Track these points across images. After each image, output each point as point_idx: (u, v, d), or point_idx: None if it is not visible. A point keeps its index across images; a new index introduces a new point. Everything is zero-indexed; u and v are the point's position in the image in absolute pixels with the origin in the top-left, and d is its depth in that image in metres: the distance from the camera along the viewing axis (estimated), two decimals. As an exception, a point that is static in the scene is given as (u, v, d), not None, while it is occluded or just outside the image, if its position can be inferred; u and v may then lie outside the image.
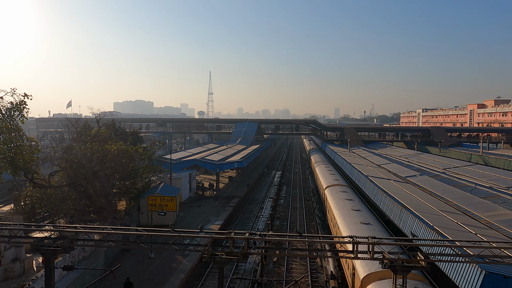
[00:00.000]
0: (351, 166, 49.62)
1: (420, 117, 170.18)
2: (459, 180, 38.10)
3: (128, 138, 42.54)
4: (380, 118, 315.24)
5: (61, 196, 27.63)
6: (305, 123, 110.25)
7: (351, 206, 23.96)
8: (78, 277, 21.27)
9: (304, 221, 42.15)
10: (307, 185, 65.51)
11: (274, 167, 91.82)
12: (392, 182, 37.12)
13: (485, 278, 13.89)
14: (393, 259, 11.05)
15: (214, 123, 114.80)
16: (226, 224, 38.95)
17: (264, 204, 50.70)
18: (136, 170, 36.08)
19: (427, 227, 20.28)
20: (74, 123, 35.20)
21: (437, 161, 57.19)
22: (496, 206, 26.02)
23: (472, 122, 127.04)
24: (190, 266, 26.69)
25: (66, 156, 30.20)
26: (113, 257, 27.52)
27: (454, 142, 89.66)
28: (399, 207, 25.65)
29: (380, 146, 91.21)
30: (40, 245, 12.16)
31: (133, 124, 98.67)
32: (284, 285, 25.82)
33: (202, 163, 55.32)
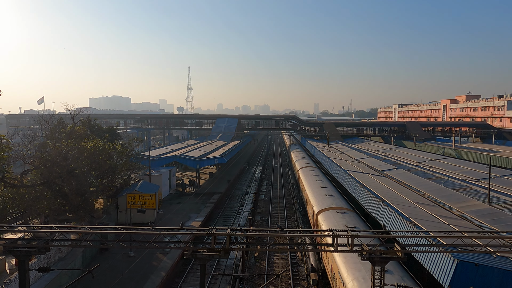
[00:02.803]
0: (330, 161, 50.43)
1: (396, 112, 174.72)
2: (433, 173, 39.48)
3: (105, 135, 41.48)
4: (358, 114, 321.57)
5: (35, 195, 26.66)
6: (285, 118, 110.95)
7: (345, 222, 24.34)
8: (54, 278, 20.66)
9: (285, 216, 42.56)
10: (288, 180, 66.09)
11: (254, 162, 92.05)
12: (370, 176, 38.01)
13: (457, 267, 14.51)
14: (372, 251, 11.35)
15: (194, 119, 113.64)
16: (207, 221, 38.79)
17: (245, 199, 50.81)
18: (114, 168, 35.26)
19: (403, 219, 20.92)
20: (48, 120, 33.92)
21: (413, 155, 58.99)
22: (467, 197, 27.15)
23: (445, 117, 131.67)
24: (171, 264, 26.45)
25: (39, 154, 29.11)
26: (91, 257, 26.89)
27: (428, 137, 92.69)
28: (376, 200, 26.32)
29: (358, 141, 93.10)
30: (13, 247, 11.70)
31: (110, 120, 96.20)
32: (266, 280, 26.04)
33: (182, 159, 54.73)
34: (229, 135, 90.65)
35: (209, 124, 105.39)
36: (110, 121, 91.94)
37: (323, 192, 33.10)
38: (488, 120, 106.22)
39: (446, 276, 14.78)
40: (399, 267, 17.67)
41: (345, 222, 23.93)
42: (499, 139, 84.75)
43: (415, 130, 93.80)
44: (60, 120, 36.33)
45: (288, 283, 25.39)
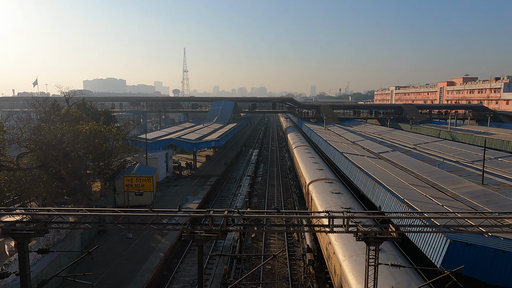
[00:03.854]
0: (327, 143, 50.60)
1: (393, 95, 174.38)
2: (429, 155, 39.80)
3: (100, 117, 41.16)
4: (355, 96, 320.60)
5: (32, 178, 26.64)
6: (282, 101, 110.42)
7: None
8: (54, 259, 20.94)
9: (281, 198, 43.01)
10: (284, 162, 66.43)
11: (251, 145, 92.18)
12: (366, 158, 38.27)
13: (450, 246, 14.85)
14: (367, 232, 11.55)
15: (190, 101, 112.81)
16: (205, 203, 39.15)
17: (242, 182, 51.16)
18: (110, 151, 35.20)
19: (398, 200, 21.23)
20: (42, 103, 33.53)
21: (408, 137, 59.28)
22: (461, 179, 27.51)
23: (442, 99, 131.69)
24: (169, 245, 26.84)
25: (34, 137, 28.91)
26: (90, 239, 27.19)
27: (424, 119, 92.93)
28: (372, 182, 26.60)
29: (355, 124, 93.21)
30: (11, 229, 11.77)
31: (105, 103, 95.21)
32: (263, 260, 26.56)
33: (179, 142, 54.66)
34: (226, 117, 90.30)
35: (206, 106, 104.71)
36: (105, 104, 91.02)
37: (314, 167, 37.53)
38: (484, 103, 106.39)
39: (439, 256, 15.15)
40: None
41: (331, 189, 28.35)
42: (494, 122, 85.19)
43: (411, 112, 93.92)
44: (55, 102, 35.92)
45: (284, 263, 25.93)
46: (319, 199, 27.03)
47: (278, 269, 25.03)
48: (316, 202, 26.81)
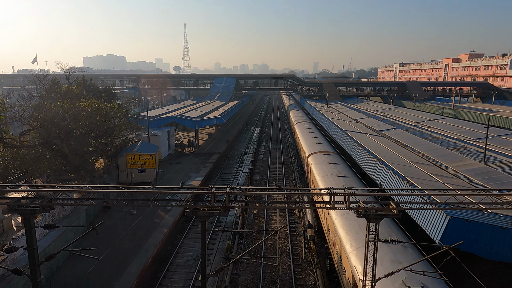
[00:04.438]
0: (329, 121, 50.37)
1: (397, 72, 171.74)
2: (431, 133, 39.65)
3: (101, 95, 40.93)
4: (358, 73, 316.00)
5: (35, 156, 26.82)
6: (284, 78, 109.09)
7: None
8: (60, 235, 21.42)
9: (283, 175, 43.33)
10: (286, 140, 66.47)
11: (253, 123, 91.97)
12: (368, 136, 38.19)
13: (449, 222, 15.04)
14: (367, 208, 11.66)
15: (191, 78, 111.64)
16: (207, 180, 39.52)
17: (244, 159, 51.41)
18: (112, 128, 35.21)
19: (399, 177, 21.33)
20: (42, 80, 33.26)
21: (411, 115, 58.88)
22: (463, 157, 27.51)
23: (447, 77, 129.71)
24: (173, 221, 27.33)
25: (36, 114, 28.87)
26: (95, 215, 27.68)
27: (428, 96, 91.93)
28: (374, 159, 26.65)
29: (358, 101, 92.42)
30: (17, 205, 11.96)
31: (106, 80, 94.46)
32: (264, 236, 27.08)
33: (180, 120, 54.56)
34: (227, 95, 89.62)
35: (207, 84, 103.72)
36: (106, 81, 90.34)
37: (314, 141, 39.98)
38: (489, 80, 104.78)
39: (438, 232, 15.38)
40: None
41: (329, 160, 30.55)
42: (499, 99, 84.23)
43: (415, 89, 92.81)
44: (55, 80, 35.62)
45: (285, 239, 26.44)
46: (317, 169, 28.94)
47: (279, 245, 25.56)
48: (315, 172, 28.80)
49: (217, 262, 23.11)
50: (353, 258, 15.59)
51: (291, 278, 21.38)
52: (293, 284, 20.65)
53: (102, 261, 20.22)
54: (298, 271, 22.27)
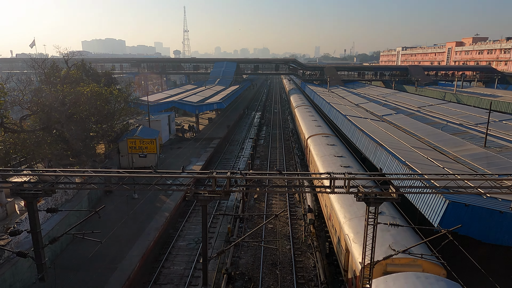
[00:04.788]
0: (330, 106, 50.14)
1: (399, 56, 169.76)
2: (432, 117, 39.52)
3: (101, 79, 40.64)
4: (360, 57, 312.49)
5: (36, 140, 26.89)
6: (285, 62, 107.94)
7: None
8: (63, 218, 21.69)
9: (283, 160, 43.47)
10: (287, 125, 66.35)
11: (253, 108, 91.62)
12: (369, 121, 38.09)
13: (448, 207, 15.17)
14: (367, 192, 11.74)
15: (191, 63, 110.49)
16: (208, 165, 39.69)
17: (245, 144, 51.47)
18: (112, 113, 35.14)
19: (399, 162, 21.38)
20: (41, 64, 32.96)
21: (413, 99, 58.54)
22: (464, 141, 27.50)
23: (450, 61, 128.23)
24: (174, 205, 27.59)
25: (36, 99, 28.78)
26: (97, 199, 27.95)
27: (430, 81, 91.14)
28: (374, 144, 26.66)
29: (359, 86, 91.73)
30: (20, 189, 12.06)
31: (105, 64, 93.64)
32: (265, 219, 27.39)
33: (181, 104, 54.34)
34: (228, 79, 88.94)
35: (207, 68, 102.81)
36: (105, 65, 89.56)
37: (313, 124, 41.38)
38: (493, 64, 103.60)
39: (437, 216, 15.52)
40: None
41: (327, 142, 32.10)
42: (502, 84, 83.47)
43: (417, 74, 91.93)
44: (54, 64, 35.30)
45: (286, 223, 26.74)
46: (316, 150, 30.34)
47: (279, 228, 25.88)
48: (313, 153, 30.18)
49: (218, 245, 23.46)
50: (345, 228, 17.09)
51: (291, 260, 21.74)
52: (293, 267, 21.01)
53: (105, 244, 20.54)
54: (298, 254, 22.62)
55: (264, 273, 20.52)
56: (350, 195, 12.52)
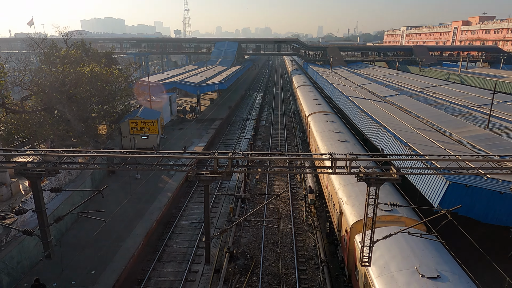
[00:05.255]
0: (332, 86, 49.68)
1: (404, 36, 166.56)
2: (436, 99, 39.17)
3: (101, 59, 40.22)
4: (363, 37, 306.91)
5: (38, 121, 26.92)
6: (287, 42, 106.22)
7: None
8: (68, 198, 21.99)
9: (285, 141, 43.51)
10: (289, 106, 66.01)
11: (255, 88, 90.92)
12: (371, 102, 37.81)
13: (448, 187, 15.25)
14: (368, 173, 11.79)
15: (192, 43, 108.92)
16: (209, 146, 39.80)
17: (246, 125, 51.41)
18: (113, 94, 34.97)
19: (401, 143, 21.37)
20: (40, 43, 32.56)
21: (417, 80, 57.85)
22: (466, 123, 27.35)
23: (455, 40, 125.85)
24: (177, 185, 27.87)
25: (36, 79, 28.61)
26: (100, 179, 28.23)
27: (435, 61, 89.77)
28: (376, 125, 26.57)
29: (362, 66, 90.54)
30: (23, 169, 12.17)
31: (105, 44, 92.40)
32: (266, 199, 27.70)
33: (182, 85, 53.96)
34: (229, 60, 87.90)
35: (208, 48, 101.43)
36: (105, 45, 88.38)
37: (314, 102, 43.30)
38: (499, 44, 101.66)
39: (437, 196, 15.64)
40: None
41: (327, 119, 33.82)
42: (508, 64, 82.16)
43: (422, 54, 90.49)
44: (53, 44, 34.86)
45: (287, 203, 27.05)
46: (315, 126, 32.04)
47: (281, 208, 26.20)
48: (313, 129, 31.94)
49: (220, 224, 23.83)
50: (340, 193, 18.43)
51: (291, 240, 22.12)
52: (294, 246, 21.40)
53: (108, 223, 20.91)
54: (299, 233, 22.99)
55: (265, 251, 20.93)
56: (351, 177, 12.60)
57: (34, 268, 18.11)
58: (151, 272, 19.02)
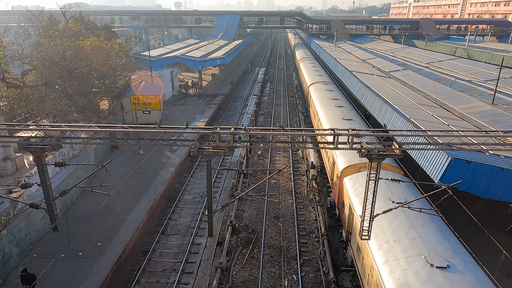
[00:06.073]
0: (336, 61, 48.82)
1: (411, 8, 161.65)
2: (441, 74, 38.54)
3: (100, 33, 39.48)
4: (369, 10, 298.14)
5: (39, 96, 26.84)
6: (291, 15, 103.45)
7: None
8: (72, 172, 22.27)
9: (287, 117, 43.34)
10: (291, 81, 65.25)
11: (257, 63, 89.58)
12: (375, 77, 37.27)
13: (450, 163, 15.29)
14: (370, 148, 11.80)
15: (193, 15, 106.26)
16: (212, 121, 39.75)
17: (248, 101, 51.07)
18: (114, 68, 34.59)
19: (404, 119, 21.24)
20: (38, 16, 31.89)
21: (422, 55, 56.73)
22: (471, 98, 27.04)
23: (464, 13, 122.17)
24: (179, 161, 28.09)
25: (35, 53, 28.25)
26: (103, 154, 28.45)
27: (441, 35, 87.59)
28: (379, 101, 26.32)
29: (367, 40, 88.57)
30: (27, 144, 12.25)
31: (104, 17, 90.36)
32: (268, 174, 27.95)
33: (183, 60, 53.22)
34: (231, 33, 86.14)
35: (210, 21, 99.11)
36: (104, 18, 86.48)
37: (315, 73, 45.14)
38: (509, 17, 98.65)
39: (438, 172, 15.71)
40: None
41: (326, 88, 36.09)
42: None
43: (428, 28, 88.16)
44: (51, 16, 34.14)
45: (289, 178, 27.30)
46: (315, 94, 34.30)
47: (282, 183, 26.48)
48: (314, 97, 34.35)
49: (222, 199, 24.20)
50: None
51: (293, 214, 22.50)
52: (295, 219, 21.80)
53: (113, 198, 21.28)
54: (300, 208, 23.35)
55: (267, 225, 21.36)
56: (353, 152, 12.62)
57: (42, 240, 18.63)
58: (155, 244, 19.53)
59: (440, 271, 10.69)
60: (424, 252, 11.65)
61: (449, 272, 10.64)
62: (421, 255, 11.56)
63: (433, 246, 11.94)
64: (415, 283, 10.46)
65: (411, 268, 11.14)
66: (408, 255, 11.78)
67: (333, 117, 26.15)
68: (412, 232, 12.90)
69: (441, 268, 10.78)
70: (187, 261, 18.34)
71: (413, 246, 12.13)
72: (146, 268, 17.86)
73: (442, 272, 10.65)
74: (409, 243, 12.27)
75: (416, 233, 12.80)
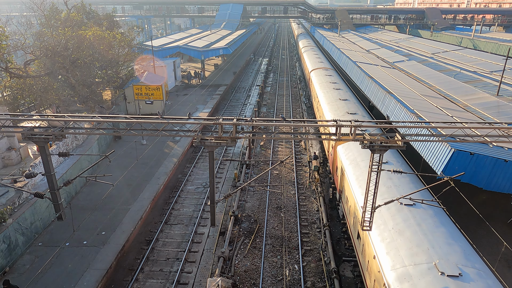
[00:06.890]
0: (339, 51, 48.37)
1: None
2: (446, 65, 38.14)
3: (102, 22, 39.28)
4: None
5: (42, 86, 26.87)
6: (294, 4, 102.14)
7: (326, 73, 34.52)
8: (76, 162, 22.43)
9: (290, 108, 43.20)
10: (294, 72, 64.84)
11: (261, 53, 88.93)
12: (379, 68, 36.94)
13: (453, 155, 15.24)
14: (373, 140, 11.77)
15: (196, 5, 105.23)
16: (214, 112, 39.71)
17: (251, 91, 50.88)
18: (116, 58, 34.49)
19: (407, 110, 21.11)
20: (39, 6, 31.72)
21: (427, 45, 56.05)
22: (476, 90, 26.79)
23: (470, 3, 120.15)
24: (182, 151, 28.19)
25: (38, 43, 28.19)
26: (106, 144, 28.58)
27: (447, 25, 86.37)
28: (383, 92, 26.14)
29: (372, 30, 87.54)
30: (31, 134, 12.32)
31: (106, 6, 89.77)
32: (271, 165, 28.01)
33: (186, 50, 52.93)
34: (234, 23, 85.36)
35: (213, 11, 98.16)
36: (106, 7, 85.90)
37: (316, 60, 47.31)
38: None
39: (441, 164, 15.68)
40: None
41: (326, 73, 38.25)
42: (523, 28, 78.85)
43: (434, 17, 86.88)
44: (53, 6, 33.94)
45: (291, 169, 27.37)
46: (316, 79, 36.38)
47: (285, 174, 26.55)
48: (314, 81, 36.42)
49: (225, 189, 24.33)
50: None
51: (295, 204, 22.62)
52: (297, 210, 21.92)
53: (116, 188, 21.47)
54: (302, 198, 23.45)
55: (269, 215, 21.50)
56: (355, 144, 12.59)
57: (47, 229, 18.89)
58: (158, 233, 19.75)
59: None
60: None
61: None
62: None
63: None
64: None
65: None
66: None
67: (331, 98, 28.76)
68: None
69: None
70: (190, 250, 18.56)
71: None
72: (150, 257, 18.10)
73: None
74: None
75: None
